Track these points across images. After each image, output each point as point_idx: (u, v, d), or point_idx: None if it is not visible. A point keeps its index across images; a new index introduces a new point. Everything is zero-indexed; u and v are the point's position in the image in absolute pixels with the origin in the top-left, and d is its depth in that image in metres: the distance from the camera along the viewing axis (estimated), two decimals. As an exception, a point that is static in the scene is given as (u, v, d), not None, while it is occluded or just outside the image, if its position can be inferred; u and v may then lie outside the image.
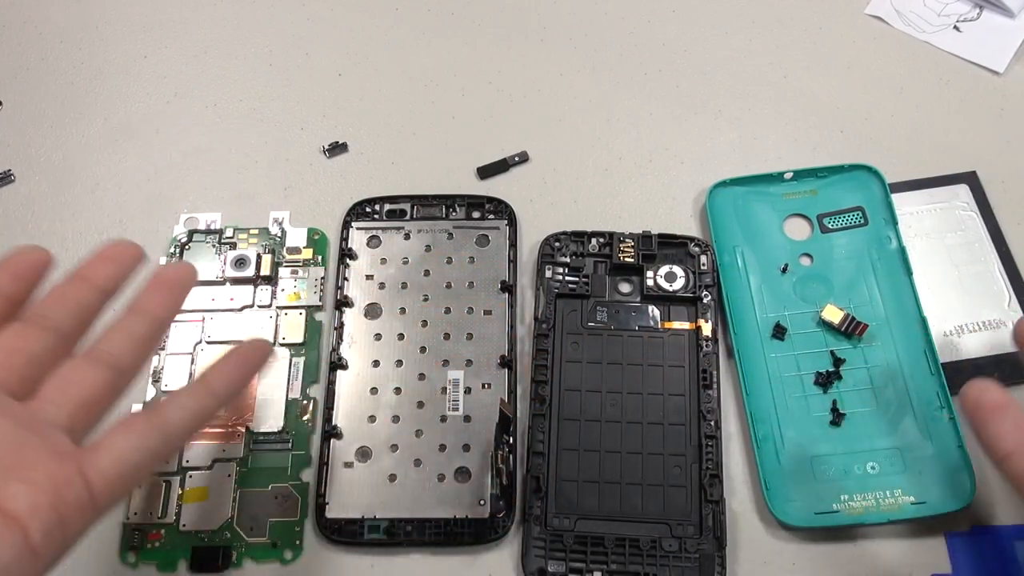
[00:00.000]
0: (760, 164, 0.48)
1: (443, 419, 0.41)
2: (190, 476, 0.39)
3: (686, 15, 0.54)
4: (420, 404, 0.41)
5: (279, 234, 0.46)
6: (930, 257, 0.44)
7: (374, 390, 0.41)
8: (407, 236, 0.45)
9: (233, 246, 0.45)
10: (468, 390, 0.41)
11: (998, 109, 0.49)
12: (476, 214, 0.46)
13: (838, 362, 0.41)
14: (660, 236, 0.44)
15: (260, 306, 0.44)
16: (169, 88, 0.52)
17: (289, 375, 0.42)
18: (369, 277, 0.44)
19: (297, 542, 0.38)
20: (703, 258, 0.43)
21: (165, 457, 0.27)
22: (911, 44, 0.52)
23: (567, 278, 0.43)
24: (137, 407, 0.41)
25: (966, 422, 0.32)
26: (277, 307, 0.44)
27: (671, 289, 0.43)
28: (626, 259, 0.43)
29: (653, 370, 0.41)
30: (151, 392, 0.42)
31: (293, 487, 0.39)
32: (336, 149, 0.49)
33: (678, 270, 0.43)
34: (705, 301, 0.42)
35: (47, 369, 0.26)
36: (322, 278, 0.44)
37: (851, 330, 0.41)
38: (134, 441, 0.25)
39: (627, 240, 0.44)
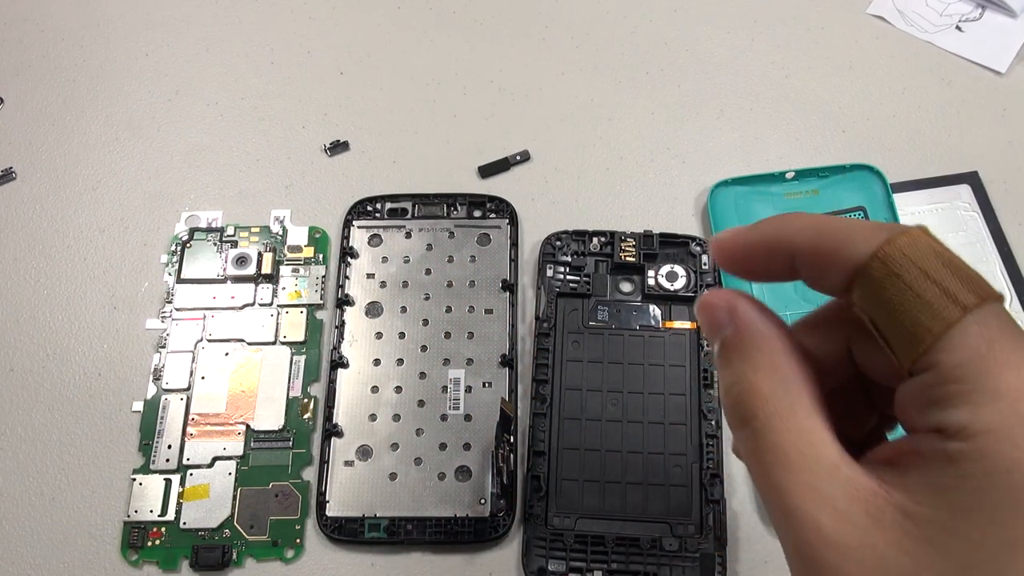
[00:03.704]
0: (762, 164, 0.48)
1: (444, 418, 0.41)
2: (191, 474, 0.39)
3: (688, 14, 0.54)
4: (421, 403, 0.41)
5: (280, 232, 0.46)
6: (931, 257, 0.44)
7: (375, 389, 0.41)
8: (408, 235, 0.45)
9: (234, 244, 0.45)
10: (469, 389, 0.41)
11: (1000, 109, 0.49)
12: (477, 213, 0.46)
13: (839, 362, 0.41)
14: (661, 235, 0.44)
15: (261, 304, 0.44)
16: (170, 86, 0.52)
17: (290, 373, 0.42)
18: (370, 276, 0.44)
19: (298, 540, 0.38)
20: (704, 257, 0.43)
21: None
22: (913, 44, 0.52)
23: (568, 277, 0.43)
24: (138, 405, 0.41)
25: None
26: (278, 305, 0.44)
27: (672, 288, 0.43)
28: (627, 258, 0.43)
29: (654, 369, 0.41)
30: (152, 390, 0.42)
31: (294, 485, 0.39)
32: (337, 147, 0.49)
33: (679, 269, 0.43)
34: (706, 301, 0.42)
35: None
36: (323, 276, 0.44)
37: (852, 330, 0.41)
38: None
39: (628, 239, 0.44)
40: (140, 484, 0.39)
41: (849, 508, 0.16)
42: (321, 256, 0.45)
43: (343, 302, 0.43)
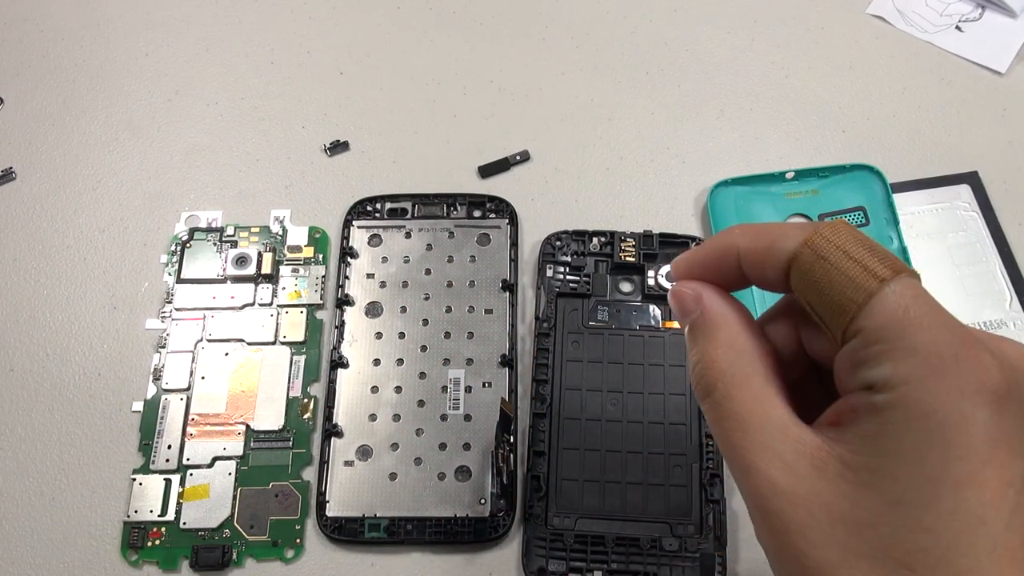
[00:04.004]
0: (762, 164, 0.48)
1: (444, 418, 0.41)
2: (191, 474, 0.39)
3: (688, 14, 0.54)
4: (421, 403, 0.41)
5: (280, 232, 0.46)
6: (931, 257, 0.44)
7: (375, 389, 0.41)
8: (408, 235, 0.45)
9: (234, 244, 0.45)
10: (469, 389, 0.41)
11: (1000, 109, 0.49)
12: (477, 213, 0.46)
13: (839, 362, 0.41)
14: (661, 235, 0.44)
15: (261, 304, 0.44)
16: (170, 86, 0.52)
17: (290, 373, 0.42)
18: (370, 275, 0.44)
19: (298, 540, 0.38)
20: (704, 257, 0.43)
21: None
22: (913, 44, 0.52)
23: (568, 277, 0.43)
24: (138, 405, 0.41)
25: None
26: (278, 305, 0.44)
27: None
28: (627, 258, 0.43)
29: (654, 369, 0.41)
30: (152, 390, 0.42)
31: (294, 485, 0.39)
32: (337, 147, 0.49)
33: (679, 269, 0.43)
34: (706, 300, 0.42)
35: None
36: (323, 276, 0.44)
37: (852, 330, 0.41)
38: None
39: (628, 239, 0.44)
40: (140, 484, 0.39)
41: (797, 462, 0.18)
42: (321, 256, 0.45)
43: (343, 302, 0.43)
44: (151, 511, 0.39)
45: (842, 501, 0.17)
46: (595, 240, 0.44)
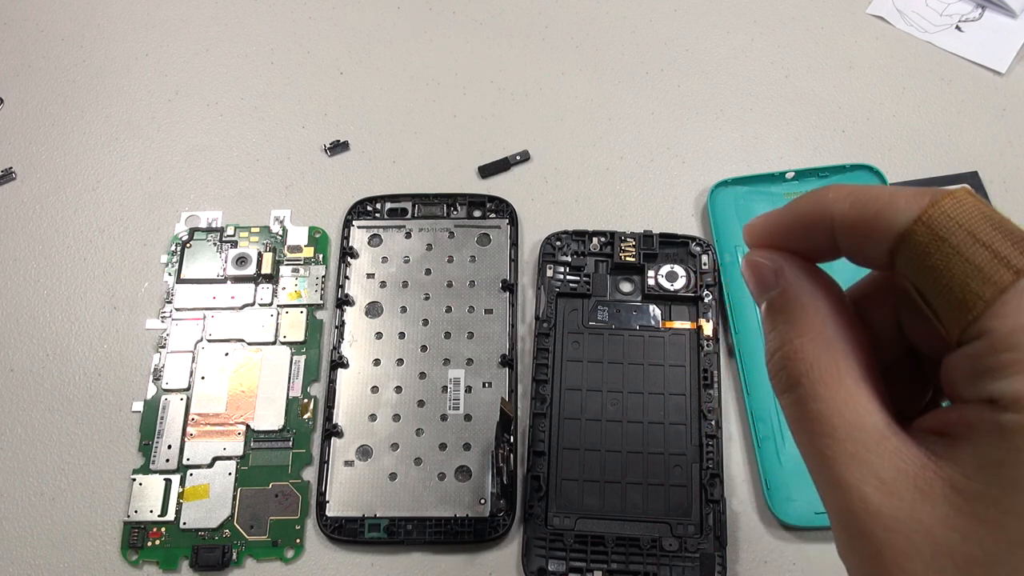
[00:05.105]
0: (761, 164, 0.48)
1: (444, 418, 0.41)
2: (191, 474, 0.39)
3: (688, 14, 0.54)
4: (421, 403, 0.41)
5: (280, 232, 0.46)
6: (931, 257, 0.44)
7: (375, 389, 0.41)
8: (408, 235, 0.45)
9: (234, 244, 0.45)
10: (469, 389, 0.41)
11: (1000, 109, 0.49)
12: (477, 213, 0.46)
13: (839, 362, 0.41)
14: (661, 235, 0.44)
15: (261, 304, 0.44)
16: (170, 86, 0.52)
17: (290, 373, 0.42)
18: (370, 275, 0.44)
19: (298, 540, 0.38)
20: (704, 258, 0.43)
21: None
22: (913, 44, 0.52)
23: (568, 277, 0.43)
24: (138, 405, 0.41)
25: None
26: (278, 305, 0.44)
27: (672, 288, 0.43)
28: (627, 258, 0.43)
29: (654, 369, 0.41)
30: (152, 390, 0.42)
31: (294, 485, 0.39)
32: (337, 147, 0.49)
33: (679, 269, 0.43)
34: (706, 301, 0.42)
35: None
36: (323, 276, 0.44)
37: (852, 330, 0.41)
38: None
39: (628, 239, 0.44)
40: (140, 484, 0.39)
41: (896, 480, 0.15)
42: (321, 256, 0.45)
43: (343, 302, 0.43)
44: (151, 511, 0.39)
45: (951, 533, 0.14)
46: (595, 240, 0.44)
